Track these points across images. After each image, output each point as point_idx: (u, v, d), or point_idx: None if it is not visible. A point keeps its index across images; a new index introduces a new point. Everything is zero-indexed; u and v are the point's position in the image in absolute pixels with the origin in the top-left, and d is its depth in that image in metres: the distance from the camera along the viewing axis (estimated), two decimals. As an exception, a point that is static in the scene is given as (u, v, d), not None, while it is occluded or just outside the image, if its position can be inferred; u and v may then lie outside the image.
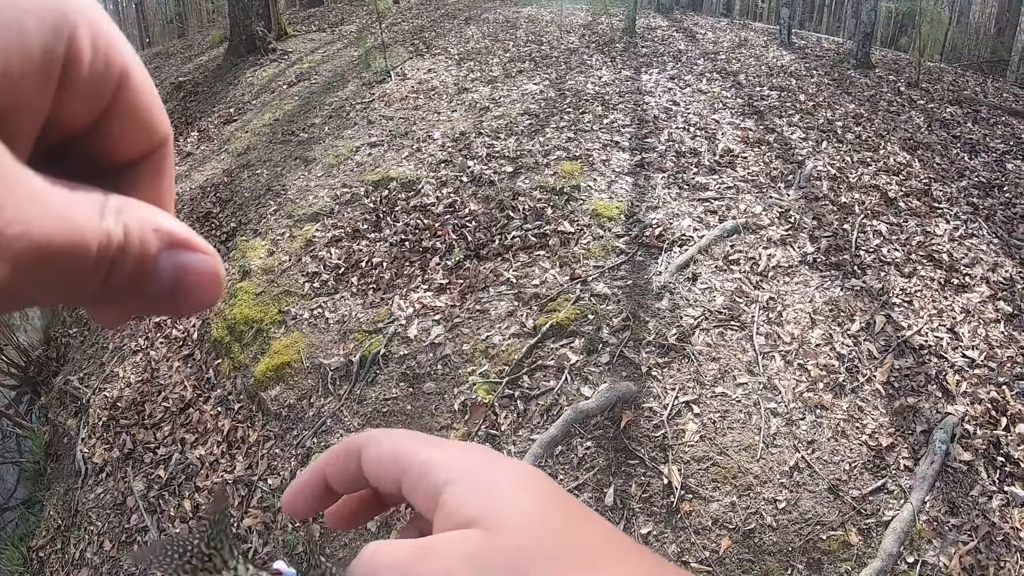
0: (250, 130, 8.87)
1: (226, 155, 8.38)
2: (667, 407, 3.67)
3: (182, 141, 10.24)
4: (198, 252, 0.30)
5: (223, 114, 10.47)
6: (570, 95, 7.58)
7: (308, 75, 10.64)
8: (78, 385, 5.88)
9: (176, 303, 0.29)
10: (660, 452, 3.51)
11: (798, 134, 6.53)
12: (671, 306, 4.28)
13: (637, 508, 3.34)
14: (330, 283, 5.04)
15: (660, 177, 5.62)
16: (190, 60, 15.77)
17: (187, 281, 0.29)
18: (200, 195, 7.44)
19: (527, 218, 5.18)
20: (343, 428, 4.06)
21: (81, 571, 4.59)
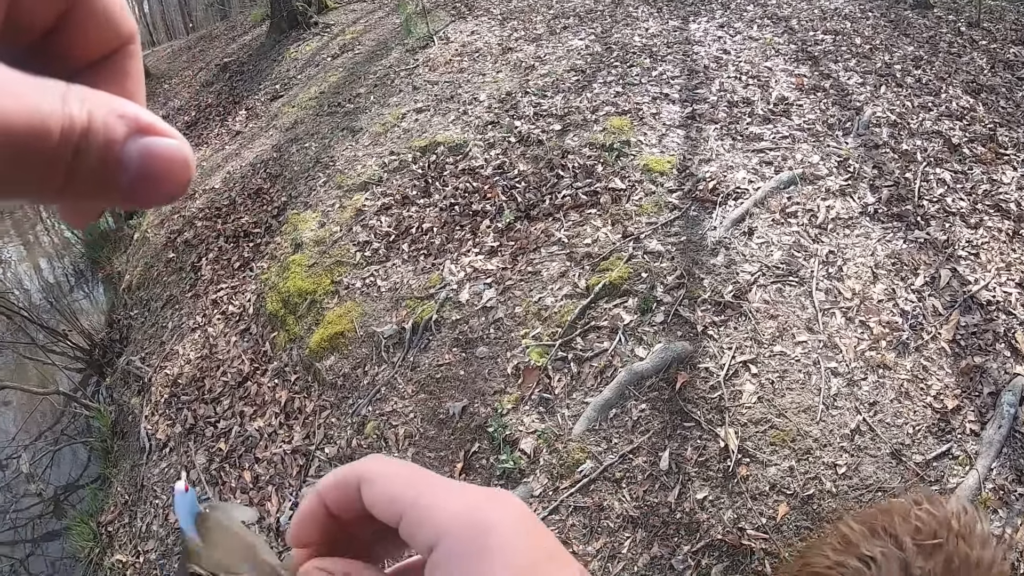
0: (296, 104, 8.89)
1: (274, 131, 8.43)
2: (724, 367, 3.54)
3: (230, 120, 10.34)
4: (165, 136, 0.29)
5: (269, 91, 10.53)
6: (617, 49, 7.38)
7: (351, 46, 10.60)
8: (140, 365, 5.99)
9: (146, 191, 0.29)
10: (716, 414, 3.40)
11: (855, 79, 6.25)
12: (727, 262, 4.14)
13: (692, 472, 3.25)
14: (381, 251, 5.01)
15: (712, 129, 5.44)
16: (234, 41, 15.91)
17: (155, 166, 0.28)
18: (251, 172, 7.49)
19: (577, 176, 5.06)
20: (397, 395, 4.05)
21: (148, 543, 4.69)
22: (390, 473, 0.42)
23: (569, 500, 3.26)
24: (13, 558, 5.97)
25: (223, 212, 7.09)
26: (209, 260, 6.45)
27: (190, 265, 6.63)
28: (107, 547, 5.03)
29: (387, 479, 0.41)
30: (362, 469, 0.43)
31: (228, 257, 6.34)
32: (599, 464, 3.33)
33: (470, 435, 3.68)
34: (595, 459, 3.35)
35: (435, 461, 3.71)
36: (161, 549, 4.62)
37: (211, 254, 6.51)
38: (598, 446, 3.39)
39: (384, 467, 0.42)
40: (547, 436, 3.47)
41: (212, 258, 6.45)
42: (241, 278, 5.95)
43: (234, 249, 6.39)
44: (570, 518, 3.23)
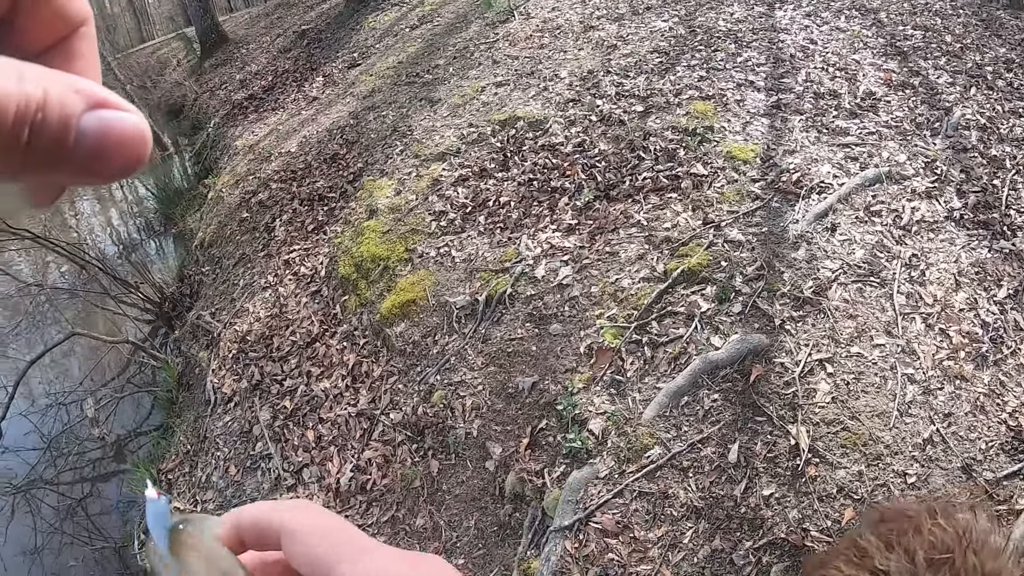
0: (374, 73, 8.93)
1: (351, 98, 8.49)
2: (799, 364, 3.45)
3: (307, 86, 10.44)
4: (121, 109, 0.30)
5: (347, 59, 10.60)
6: (701, 32, 7.24)
7: (430, 18, 10.59)
8: (210, 320, 6.10)
9: (103, 164, 0.29)
10: (789, 411, 3.31)
11: (944, 78, 6.02)
12: (808, 257, 4.03)
13: (761, 468, 3.18)
14: (457, 222, 5.00)
15: (797, 120, 5.29)
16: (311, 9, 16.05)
17: (112, 140, 0.29)
18: (327, 137, 7.56)
19: (658, 159, 4.97)
20: (467, 367, 4.04)
21: (207, 493, 4.79)
22: (312, 530, 0.43)
23: (634, 485, 3.22)
24: (71, 497, 6.15)
25: (298, 175, 7.17)
26: (283, 221, 6.53)
27: (264, 225, 6.72)
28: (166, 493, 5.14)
29: (309, 537, 0.42)
30: (284, 520, 0.43)
31: (302, 219, 6.40)
32: (667, 451, 3.28)
33: (538, 411, 3.66)
34: (663, 446, 3.30)
35: (501, 435, 3.70)
36: (220, 500, 4.71)
37: (285, 216, 6.59)
38: (667, 433, 3.34)
39: (307, 521, 0.43)
40: (616, 418, 3.43)
41: (286, 220, 6.53)
42: (314, 240, 6.01)
43: (308, 212, 6.46)
44: (634, 503, 3.19)
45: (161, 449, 5.79)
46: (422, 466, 3.90)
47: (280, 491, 4.37)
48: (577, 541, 3.13)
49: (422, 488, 3.84)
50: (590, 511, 3.18)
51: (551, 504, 3.31)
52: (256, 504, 0.46)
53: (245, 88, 12.48)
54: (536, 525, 3.37)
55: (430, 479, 3.84)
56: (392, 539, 3.80)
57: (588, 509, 3.18)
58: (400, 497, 3.91)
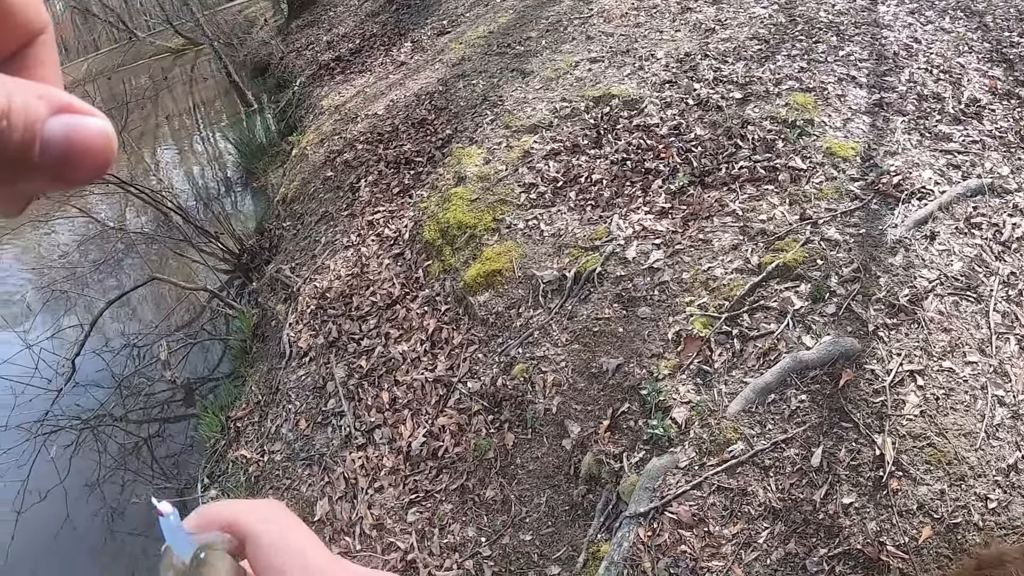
0: (464, 42, 8.90)
1: (440, 65, 8.47)
2: (890, 373, 3.33)
3: (395, 51, 10.47)
4: (86, 114, 0.30)
5: (436, 26, 10.59)
6: (801, 22, 7.03)
7: (523, -12, 10.53)
8: (289, 274, 6.18)
9: (70, 168, 0.29)
10: (876, 420, 3.21)
11: None
12: (905, 264, 3.88)
13: (843, 475, 3.09)
14: (547, 195, 4.95)
15: (900, 121, 5.10)
16: (402, -26, 16.07)
17: (77, 144, 0.29)
18: (415, 102, 7.57)
19: (756, 149, 4.85)
20: (550, 342, 4.01)
21: (275, 444, 4.86)
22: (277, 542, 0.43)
23: (714, 479, 3.16)
24: (138, 436, 6.32)
25: (385, 138, 7.20)
26: (368, 182, 6.56)
27: (348, 185, 6.77)
28: (233, 441, 5.24)
29: (273, 549, 0.42)
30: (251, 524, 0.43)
31: (387, 182, 6.43)
32: (750, 447, 3.21)
33: (621, 394, 3.62)
34: (747, 442, 3.23)
35: (580, 414, 3.67)
36: (287, 452, 4.78)
37: (370, 177, 6.63)
38: (751, 429, 3.27)
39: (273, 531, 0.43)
40: (701, 409, 3.37)
41: (371, 181, 6.56)
42: (399, 203, 6.03)
43: (394, 175, 6.48)
44: (711, 497, 3.14)
45: (231, 397, 5.90)
46: (497, 438, 3.90)
47: (350, 449, 4.42)
48: (651, 529, 3.10)
49: (495, 460, 3.84)
50: (667, 500, 3.13)
51: (627, 489, 3.27)
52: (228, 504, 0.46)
53: (332, 50, 12.58)
54: (609, 509, 3.34)
55: (504, 452, 3.83)
56: (460, 508, 3.82)
57: (665, 498, 3.14)
58: (471, 467, 3.92)
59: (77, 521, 5.50)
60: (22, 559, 5.36)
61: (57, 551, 5.36)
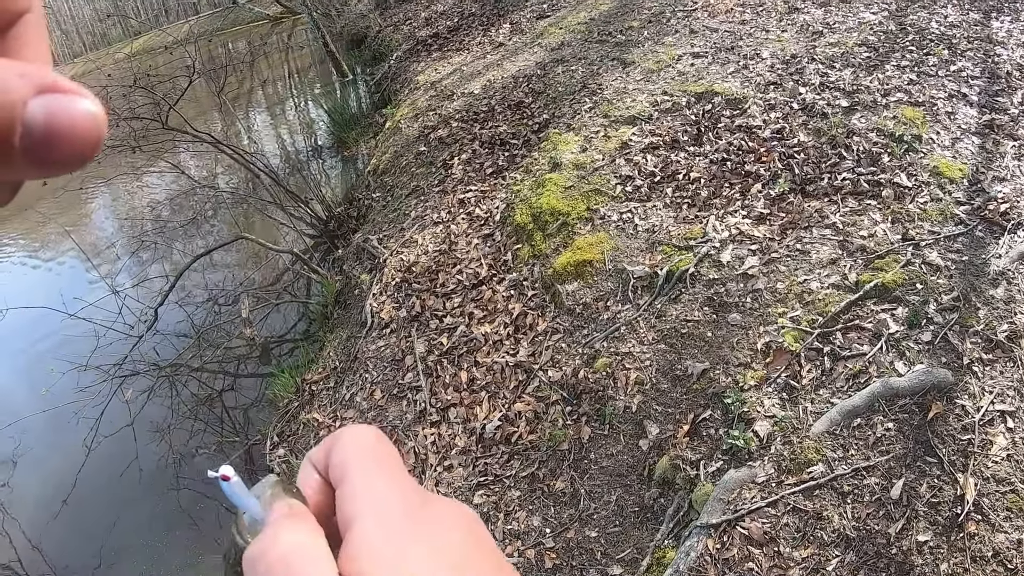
0: (564, 27, 8.86)
1: (539, 49, 8.45)
2: (980, 410, 3.19)
3: (493, 32, 10.47)
4: (70, 93, 0.28)
5: (536, 9, 10.56)
6: (912, 31, 6.78)
7: (626, -24, 10.41)
8: (376, 245, 6.25)
9: (53, 151, 0.27)
10: (961, 458, 3.08)
11: None
12: (1006, 297, 3.70)
13: (921, 511, 2.98)
14: (643, 189, 4.89)
15: (1010, 145, 4.86)
16: (504, -46, 16.03)
17: (62, 126, 0.27)
18: (512, 84, 7.56)
19: (860, 161, 4.69)
20: (636, 339, 3.97)
21: (348, 411, 4.93)
22: (351, 442, 0.43)
23: (790, 498, 3.09)
24: (212, 388, 6.49)
25: (480, 117, 7.21)
26: (461, 161, 6.59)
27: (441, 162, 6.81)
28: (307, 403, 5.33)
29: (343, 447, 0.43)
30: (339, 432, 0.44)
31: (481, 161, 6.45)
32: (830, 471, 3.12)
33: (704, 400, 3.56)
34: (827, 464, 3.15)
35: (660, 416, 3.63)
36: (360, 420, 4.85)
37: (464, 155, 6.65)
38: (834, 452, 3.18)
39: (352, 435, 0.44)
40: (784, 425, 3.30)
41: (464, 159, 6.59)
42: (492, 184, 6.04)
43: (488, 155, 6.49)
44: (785, 516, 3.07)
45: (307, 359, 6.00)
46: (573, 430, 3.88)
47: (423, 424, 4.46)
48: (720, 542, 3.05)
49: (568, 452, 3.83)
50: (739, 515, 3.08)
51: (700, 498, 3.23)
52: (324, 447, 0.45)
53: (430, 26, 12.65)
54: (680, 516, 3.30)
55: (578, 445, 3.82)
56: (528, 496, 3.82)
57: (738, 512, 3.09)
58: (544, 456, 3.91)
59: (144, 463, 5.70)
60: (88, 492, 5.60)
61: (121, 489, 5.56)
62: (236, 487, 0.43)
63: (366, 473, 0.42)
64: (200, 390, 6.47)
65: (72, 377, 6.53)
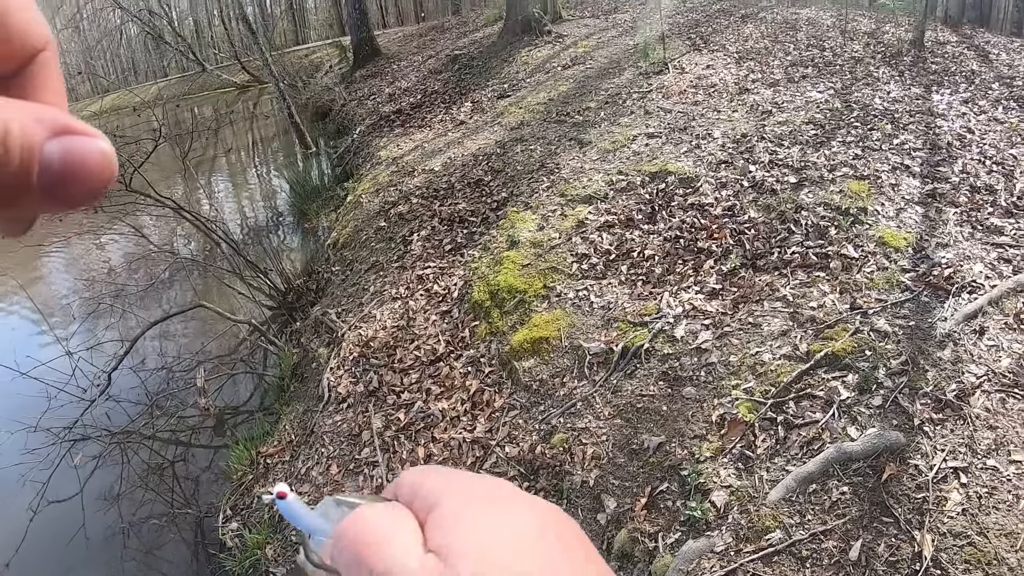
0: (524, 107, 9.11)
1: (499, 128, 8.67)
2: (933, 469, 3.29)
3: (455, 110, 10.72)
4: (84, 135, 0.30)
5: (497, 89, 10.85)
6: (857, 108, 7.11)
7: (583, 59, 10.77)
8: (334, 319, 6.25)
9: (69, 190, 0.29)
10: (917, 516, 3.16)
11: None
12: (953, 358, 3.85)
13: (880, 570, 3.03)
14: (599, 267, 5.01)
15: (952, 212, 5.10)
16: (464, 36, 16.54)
17: (76, 165, 0.29)
18: (472, 162, 7.72)
19: (809, 234, 4.89)
20: (593, 415, 4.02)
21: (303, 486, 4.86)
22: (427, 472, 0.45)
23: (749, 566, 3.12)
24: (164, 457, 6.34)
25: (440, 195, 7.34)
26: (421, 237, 6.68)
27: (401, 237, 6.89)
28: (261, 477, 5.24)
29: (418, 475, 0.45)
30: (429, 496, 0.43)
31: (440, 238, 6.54)
32: (788, 537, 3.17)
33: (661, 473, 3.61)
34: (785, 531, 3.20)
35: (618, 490, 3.66)
36: (315, 495, 4.78)
37: (423, 231, 6.74)
38: (791, 518, 3.24)
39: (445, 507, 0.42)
40: (741, 494, 3.35)
41: (424, 236, 6.67)
42: (450, 261, 6.12)
43: (447, 232, 6.59)
44: (745, 584, 3.11)
45: (263, 432, 5.90)
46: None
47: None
48: (681, 613, 3.07)
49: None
50: (700, 585, 3.10)
51: (659, 570, 3.24)
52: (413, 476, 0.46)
53: (393, 102, 12.91)
54: (640, 588, 3.31)
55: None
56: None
57: (698, 582, 3.11)
58: (503, 532, 3.90)
59: (92, 531, 5.47)
60: (32, 559, 5.33)
61: (67, 557, 5.35)
62: (294, 505, 0.44)
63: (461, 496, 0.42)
64: (152, 458, 6.29)
65: (20, 438, 6.30)
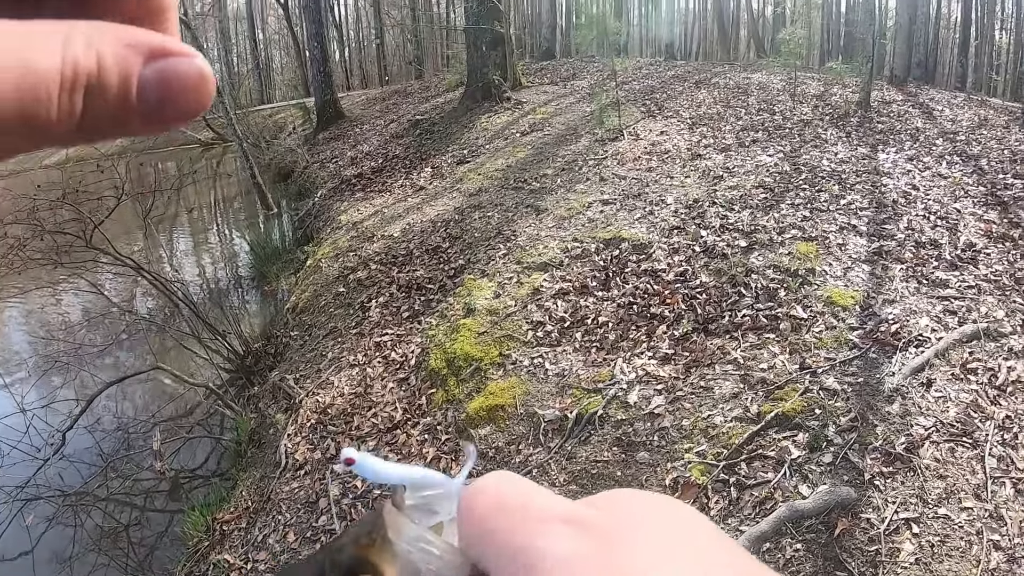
0: (482, 173, 9.27)
1: (458, 194, 8.79)
2: (885, 521, 3.37)
3: (415, 175, 10.85)
4: (180, 55, 0.29)
5: (456, 154, 11.02)
6: (805, 170, 7.35)
7: (541, 126, 11.01)
8: (293, 384, 6.22)
9: (166, 114, 0.29)
10: (871, 569, 3.21)
11: None
12: (902, 412, 3.95)
13: None
14: (554, 335, 5.09)
15: (898, 268, 5.28)
16: (426, 100, 16.80)
17: (174, 88, 0.29)
18: (431, 228, 7.81)
19: (759, 297, 5.02)
20: (548, 481, 4.04)
21: (260, 553, 4.77)
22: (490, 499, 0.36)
23: (705, 629, 3.15)
24: (118, 521, 6.17)
25: (399, 261, 7.40)
26: (379, 304, 6.71)
27: (359, 304, 6.91)
28: (217, 543, 5.14)
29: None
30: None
31: (398, 305, 6.58)
32: (743, 599, 3.21)
33: (616, 539, 3.64)
34: (740, 593, 3.23)
35: (574, 557, 3.68)
36: (272, 563, 4.70)
37: (381, 298, 6.78)
38: (745, 580, 3.28)
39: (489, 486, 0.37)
40: (694, 559, 3.39)
41: (382, 302, 6.71)
42: (408, 328, 6.15)
43: (405, 299, 6.64)
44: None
45: (219, 497, 5.81)
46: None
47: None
48: None
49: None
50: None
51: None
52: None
53: (355, 166, 13.04)
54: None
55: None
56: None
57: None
58: (461, 601, 3.87)
59: None
60: None
61: None
62: (370, 460, 0.41)
63: None
64: (105, 521, 6.10)
65: (-31, 496, 6.16)
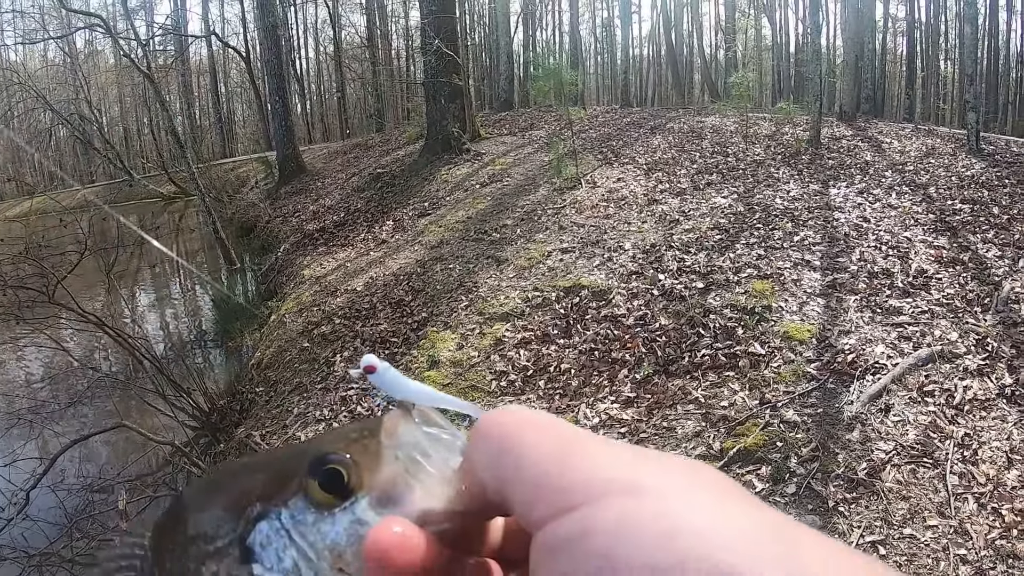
0: (443, 225, 9.35)
1: (420, 247, 8.85)
2: (852, 545, 3.44)
3: (377, 228, 10.91)
4: None
5: (418, 207, 11.10)
6: (759, 210, 7.53)
7: (500, 177, 11.15)
8: (259, 441, 6.15)
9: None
10: None
11: (993, 251, 6.05)
12: (862, 438, 4.05)
13: None
14: (517, 384, 5.15)
15: (852, 299, 5.41)
16: (387, 153, 16.90)
17: None
18: (393, 282, 7.84)
19: (718, 337, 5.13)
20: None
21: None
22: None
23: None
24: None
25: (362, 315, 7.41)
26: (344, 358, 6.70)
27: (324, 359, 6.89)
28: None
29: None
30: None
31: (362, 360, 6.56)
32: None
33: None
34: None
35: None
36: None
37: (346, 353, 6.77)
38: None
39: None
40: (665, 599, 3.42)
41: (347, 357, 6.70)
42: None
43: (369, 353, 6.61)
44: None
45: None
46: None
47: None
48: None
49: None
50: None
51: None
52: None
53: (317, 220, 13.06)
54: None
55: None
56: None
57: None
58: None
59: None
60: None
61: None
62: (390, 373, 0.40)
63: None
64: None
65: (-71, 557, 5.96)
